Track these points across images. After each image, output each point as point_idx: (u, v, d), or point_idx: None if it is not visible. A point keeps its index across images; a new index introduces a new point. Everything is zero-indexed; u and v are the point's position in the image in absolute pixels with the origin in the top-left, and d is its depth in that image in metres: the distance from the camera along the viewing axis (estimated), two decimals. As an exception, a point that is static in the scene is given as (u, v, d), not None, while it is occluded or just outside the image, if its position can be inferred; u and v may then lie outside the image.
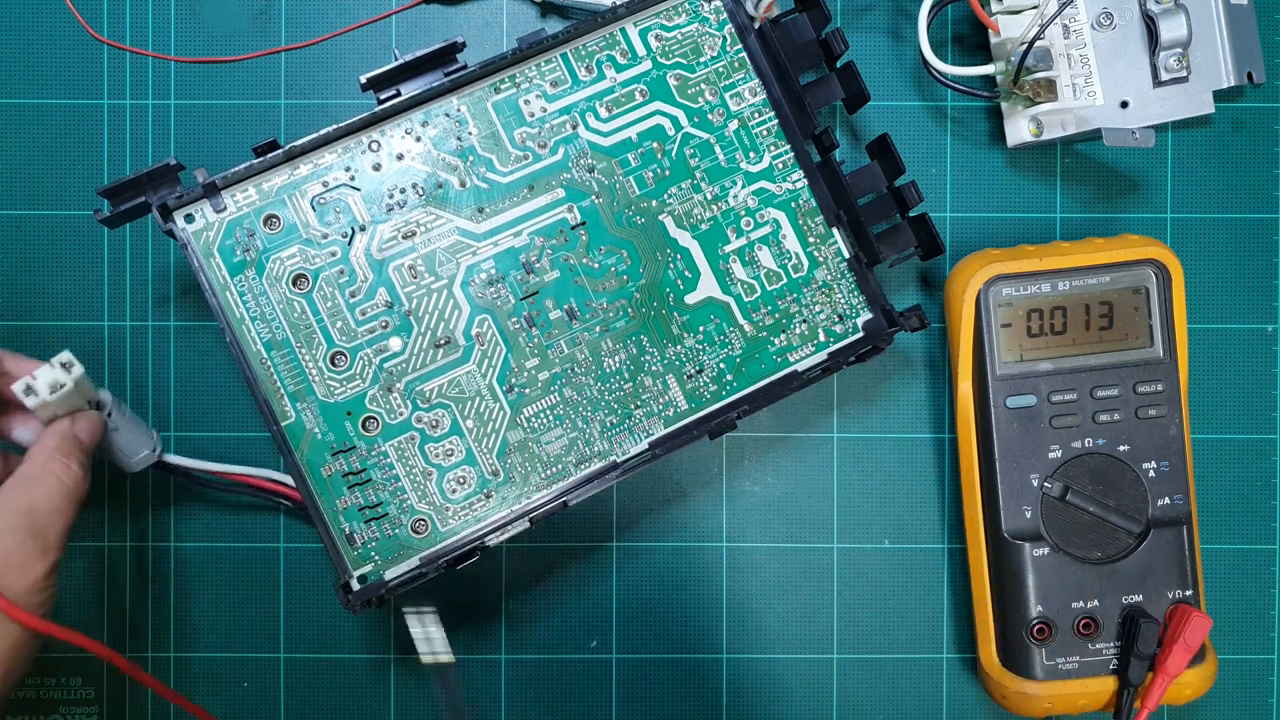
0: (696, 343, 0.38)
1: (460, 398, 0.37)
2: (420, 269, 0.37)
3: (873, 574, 0.43)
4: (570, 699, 0.42)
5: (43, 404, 0.33)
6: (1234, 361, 0.43)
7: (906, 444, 0.43)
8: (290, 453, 0.35)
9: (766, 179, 0.39)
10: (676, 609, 0.42)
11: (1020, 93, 0.39)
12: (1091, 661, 0.38)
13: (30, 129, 0.42)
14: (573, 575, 0.42)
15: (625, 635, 0.42)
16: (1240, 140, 0.42)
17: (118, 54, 0.42)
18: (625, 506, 0.42)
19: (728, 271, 0.38)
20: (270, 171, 0.36)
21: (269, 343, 0.36)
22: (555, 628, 0.42)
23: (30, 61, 0.42)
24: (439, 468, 0.36)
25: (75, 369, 0.33)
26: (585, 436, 0.37)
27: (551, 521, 0.42)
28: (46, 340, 0.42)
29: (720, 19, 0.39)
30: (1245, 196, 0.43)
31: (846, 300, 0.39)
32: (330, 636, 0.42)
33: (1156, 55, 0.39)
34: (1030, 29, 0.38)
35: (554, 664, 0.42)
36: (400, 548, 0.36)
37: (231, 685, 0.42)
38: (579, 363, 0.37)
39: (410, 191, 0.37)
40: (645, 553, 0.42)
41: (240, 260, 0.36)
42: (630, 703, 0.42)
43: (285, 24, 0.42)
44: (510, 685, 0.42)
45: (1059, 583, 0.38)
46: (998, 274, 0.39)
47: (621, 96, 0.38)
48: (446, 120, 0.37)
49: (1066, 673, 0.38)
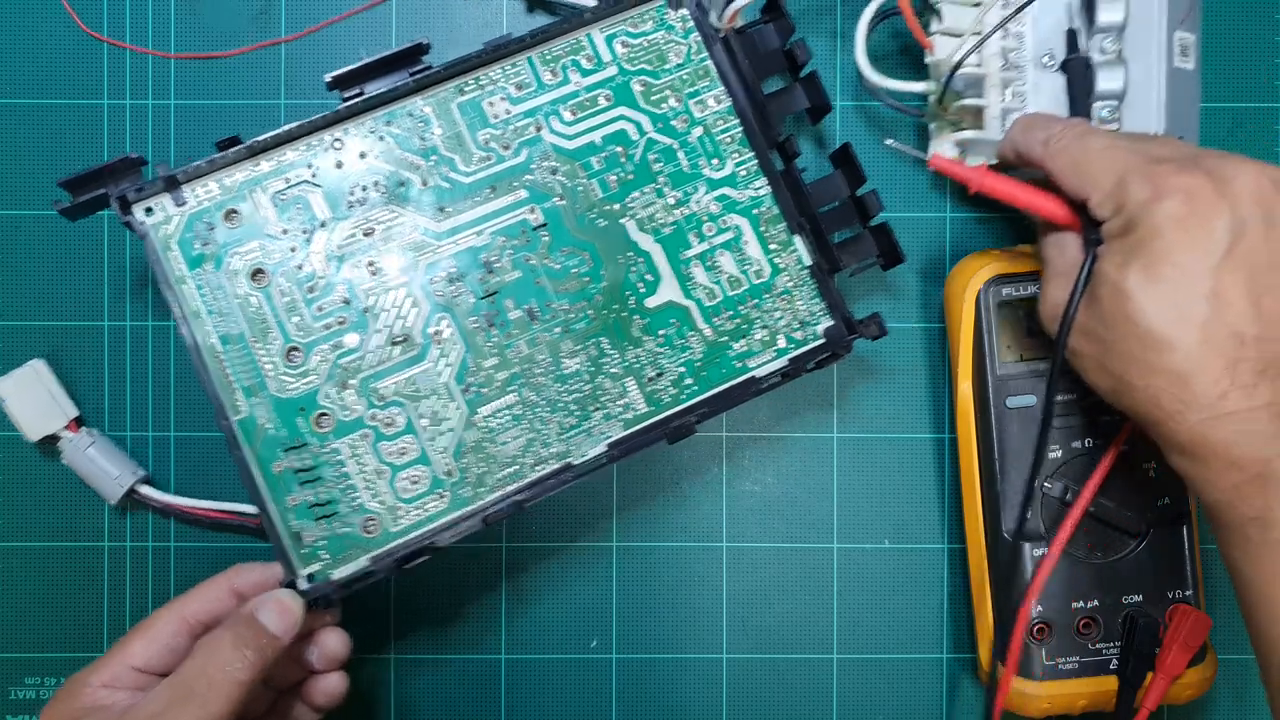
0: (657, 346, 0.38)
1: (416, 396, 0.36)
2: (380, 266, 0.37)
3: (873, 574, 0.42)
4: (570, 699, 0.42)
5: None
6: None
7: (906, 444, 0.43)
8: (237, 447, 0.35)
9: (729, 185, 0.39)
10: (676, 609, 0.42)
11: (946, 116, 0.39)
12: (1091, 661, 0.38)
13: (30, 129, 0.42)
14: (573, 575, 0.42)
15: (625, 635, 0.42)
16: (1240, 140, 0.43)
17: (117, 54, 0.42)
18: (625, 507, 0.42)
19: (689, 276, 0.38)
20: (232, 167, 0.36)
21: (225, 337, 0.36)
22: (555, 628, 0.42)
23: (30, 61, 0.42)
24: (392, 466, 0.36)
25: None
26: (542, 438, 0.37)
27: (552, 522, 0.42)
28: (44, 340, 0.42)
29: (686, 27, 0.39)
30: None
31: (807, 307, 0.39)
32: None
33: (1091, 103, 0.38)
34: (958, 53, 0.37)
35: (554, 664, 0.42)
36: (350, 547, 0.36)
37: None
38: (538, 363, 0.37)
39: (372, 189, 0.37)
40: (645, 553, 0.42)
41: (199, 254, 0.36)
42: (630, 703, 0.42)
43: (285, 23, 0.42)
44: (510, 685, 0.42)
45: (1059, 583, 0.38)
46: (998, 274, 0.39)
47: (586, 101, 0.38)
48: (410, 120, 0.37)
49: (1066, 673, 0.38)
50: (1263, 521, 0.30)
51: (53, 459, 0.41)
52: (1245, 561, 0.31)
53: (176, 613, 0.34)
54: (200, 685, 0.31)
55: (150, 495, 0.41)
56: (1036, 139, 0.34)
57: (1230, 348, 0.30)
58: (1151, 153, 0.32)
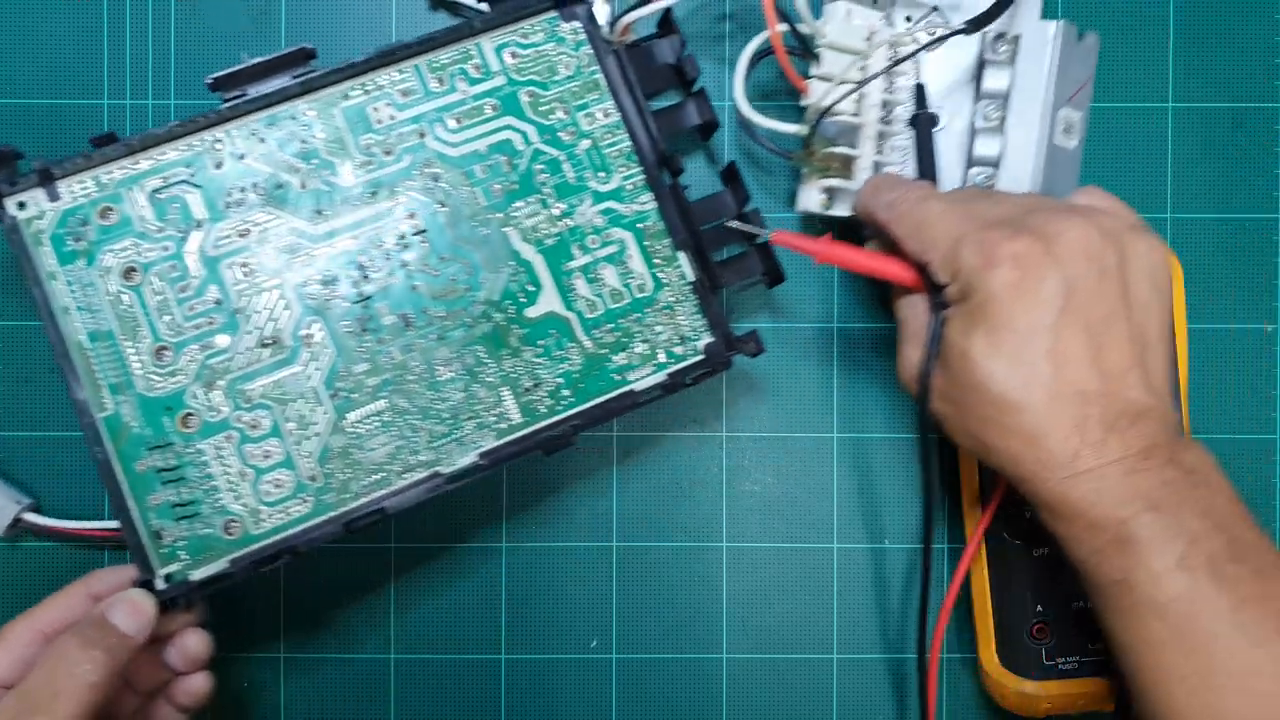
0: (535, 357, 0.38)
1: (284, 399, 0.36)
2: (254, 268, 0.36)
3: (873, 574, 0.42)
4: (570, 699, 0.42)
5: None
6: (1234, 361, 0.42)
7: (907, 444, 0.42)
8: (99, 444, 0.35)
9: (615, 199, 0.39)
10: (676, 609, 0.42)
11: (812, 161, 0.38)
12: (1091, 661, 0.38)
13: (30, 129, 0.42)
14: (573, 575, 0.42)
15: (625, 635, 0.42)
16: (1240, 140, 0.43)
17: (118, 54, 0.42)
18: (625, 506, 0.42)
19: (571, 288, 0.38)
20: (110, 164, 0.36)
21: (93, 333, 0.36)
22: (555, 628, 0.42)
23: (30, 61, 0.42)
24: (256, 469, 0.36)
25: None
26: (411, 445, 0.37)
27: (552, 522, 0.42)
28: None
29: (578, 40, 0.39)
30: (1245, 196, 0.42)
31: (689, 322, 0.39)
32: (330, 636, 0.41)
33: (967, 169, 0.38)
34: (824, 98, 0.37)
35: (554, 664, 0.41)
36: (210, 548, 0.35)
37: (231, 685, 0.41)
38: (411, 370, 0.37)
39: (250, 191, 0.37)
40: (645, 553, 0.42)
41: (71, 250, 0.36)
42: (630, 703, 0.42)
43: (285, 23, 0.42)
44: (510, 685, 0.41)
45: (1059, 583, 0.38)
46: None
47: (472, 109, 0.38)
48: (293, 123, 0.37)
49: (1066, 672, 0.38)
50: (1125, 585, 0.29)
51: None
52: (1115, 626, 0.30)
53: (29, 624, 0.33)
54: (46, 692, 0.30)
55: (35, 522, 0.40)
56: (881, 201, 0.34)
57: (1076, 405, 0.30)
58: (986, 216, 0.32)
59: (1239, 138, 0.43)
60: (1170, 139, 0.43)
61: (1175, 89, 0.42)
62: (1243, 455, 0.42)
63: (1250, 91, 0.42)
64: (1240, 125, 0.43)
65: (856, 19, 0.38)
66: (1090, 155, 0.42)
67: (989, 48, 0.38)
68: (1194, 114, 0.42)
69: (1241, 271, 0.42)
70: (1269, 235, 0.43)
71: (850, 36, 0.37)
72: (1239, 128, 0.43)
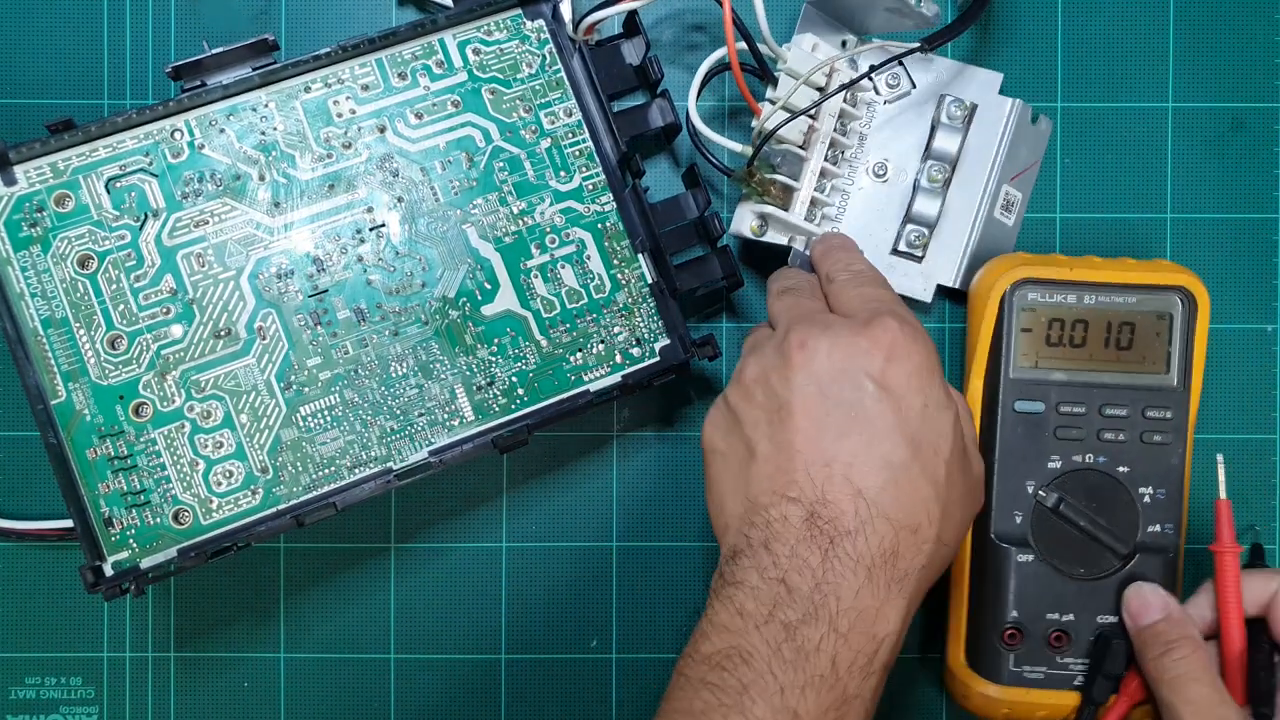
0: (490, 355, 0.38)
1: (236, 390, 0.36)
2: (209, 258, 0.37)
3: None
4: (570, 699, 0.42)
5: None
6: (1234, 361, 0.42)
7: None
8: (51, 429, 0.35)
9: (575, 199, 0.39)
10: (676, 609, 0.42)
11: (752, 183, 0.38)
12: (1057, 675, 0.38)
13: (30, 129, 0.41)
14: (572, 575, 0.42)
15: (625, 635, 0.42)
16: (1240, 140, 0.42)
17: (118, 54, 0.41)
18: (625, 507, 0.42)
19: (528, 286, 0.38)
20: (68, 150, 0.36)
21: (47, 320, 0.36)
22: (555, 627, 0.42)
23: (30, 61, 0.41)
24: (207, 459, 0.36)
25: None
26: (362, 440, 0.37)
27: (551, 522, 0.42)
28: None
29: (541, 38, 0.39)
30: (1245, 196, 0.42)
31: (646, 325, 0.39)
32: (330, 636, 0.41)
33: (902, 225, 0.39)
34: (768, 121, 0.37)
35: (554, 664, 0.42)
36: (159, 537, 0.36)
37: (232, 685, 0.41)
38: (364, 365, 0.37)
39: (208, 181, 0.37)
40: (645, 552, 0.42)
41: (26, 236, 0.36)
42: (630, 703, 0.42)
43: (285, 23, 0.42)
44: (510, 685, 0.41)
45: (1038, 592, 0.38)
46: (1026, 277, 0.38)
47: (433, 105, 0.38)
48: (252, 114, 0.37)
49: (1032, 681, 0.38)
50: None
51: None
52: None
53: None
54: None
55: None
56: (823, 271, 0.36)
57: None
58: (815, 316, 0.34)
59: (1239, 138, 0.42)
60: (1170, 139, 0.42)
61: (1175, 89, 0.42)
62: (1243, 455, 0.42)
63: (1250, 91, 0.42)
64: (1240, 125, 0.42)
65: (821, 54, 0.38)
66: (1091, 155, 0.42)
67: (945, 109, 0.39)
68: (1194, 114, 0.42)
69: (1241, 271, 0.42)
70: (1269, 235, 0.42)
71: (808, 66, 0.37)
72: (1239, 128, 0.42)
